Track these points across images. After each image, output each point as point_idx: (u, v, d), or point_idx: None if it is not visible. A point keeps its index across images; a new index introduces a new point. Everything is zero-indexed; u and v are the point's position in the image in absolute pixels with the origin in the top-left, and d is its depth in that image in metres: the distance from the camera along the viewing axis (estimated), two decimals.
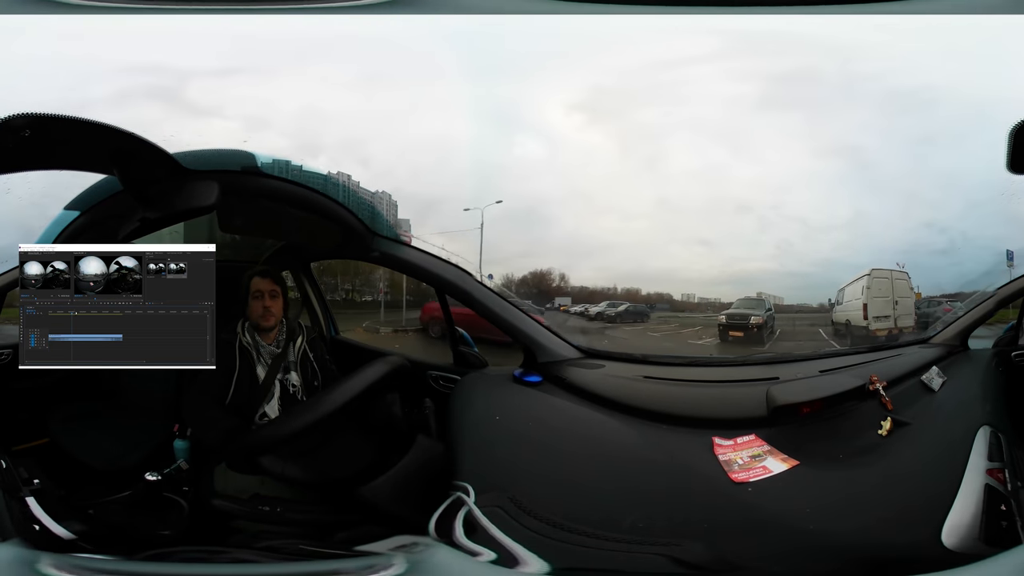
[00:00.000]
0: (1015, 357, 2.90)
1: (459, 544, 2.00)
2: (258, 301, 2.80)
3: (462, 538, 2.01)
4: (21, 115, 2.00)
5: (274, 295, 2.82)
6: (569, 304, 3.72)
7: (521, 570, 1.94)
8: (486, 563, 1.96)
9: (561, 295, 3.71)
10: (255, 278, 2.83)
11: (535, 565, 1.95)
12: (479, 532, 2.02)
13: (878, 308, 3.36)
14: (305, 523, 2.52)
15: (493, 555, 1.97)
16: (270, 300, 2.81)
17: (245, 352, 2.77)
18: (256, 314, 2.80)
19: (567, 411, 2.50)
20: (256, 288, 2.81)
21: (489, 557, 1.97)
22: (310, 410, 2.47)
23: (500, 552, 1.98)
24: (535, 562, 1.95)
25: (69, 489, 2.58)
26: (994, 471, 2.15)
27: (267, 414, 2.74)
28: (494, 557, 1.97)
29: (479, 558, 1.98)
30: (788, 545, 1.99)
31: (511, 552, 1.97)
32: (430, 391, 2.89)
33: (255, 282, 2.82)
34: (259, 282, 2.82)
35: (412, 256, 2.85)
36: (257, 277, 2.84)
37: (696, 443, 2.34)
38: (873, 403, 2.47)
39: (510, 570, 1.94)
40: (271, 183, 2.59)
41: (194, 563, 2.11)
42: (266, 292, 2.81)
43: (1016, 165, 2.11)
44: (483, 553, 1.98)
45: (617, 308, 3.76)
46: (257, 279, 2.83)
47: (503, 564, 1.95)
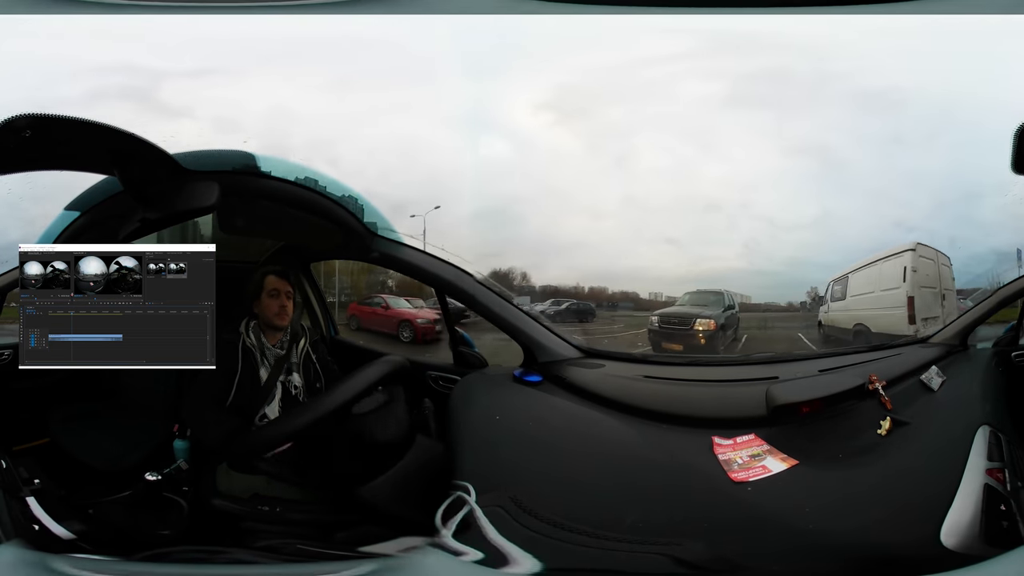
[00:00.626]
0: (1015, 357, 2.90)
1: (460, 545, 2.01)
2: (275, 300, 2.80)
3: (463, 538, 2.02)
4: (22, 116, 2.01)
5: (289, 295, 2.82)
6: (528, 303, 3.66)
7: (521, 570, 1.94)
8: (486, 563, 1.96)
9: (522, 295, 3.66)
10: (270, 276, 2.83)
11: (536, 565, 1.95)
12: (480, 532, 2.02)
13: (926, 305, 2.76)
14: (305, 523, 2.51)
15: (494, 555, 1.97)
16: (287, 299, 2.81)
17: (248, 353, 2.76)
18: (272, 312, 2.79)
19: (567, 411, 2.50)
20: (273, 287, 2.81)
21: (490, 557, 1.97)
22: (310, 410, 2.48)
23: (501, 552, 1.98)
24: (536, 562, 1.95)
25: (69, 489, 2.58)
26: (994, 471, 2.15)
27: (267, 415, 2.74)
28: (495, 557, 1.97)
29: (480, 558, 1.98)
30: (788, 544, 1.99)
31: (512, 552, 1.97)
32: (430, 391, 2.89)
33: (271, 280, 2.82)
34: (276, 281, 2.82)
35: (412, 256, 2.85)
36: (273, 276, 2.83)
37: (696, 442, 2.34)
38: (873, 403, 2.47)
39: (510, 570, 1.94)
40: (271, 183, 2.59)
41: (194, 563, 2.11)
42: (283, 291, 2.81)
43: (1021, 166, 2.11)
44: (484, 553, 1.98)
45: (559, 306, 3.64)
46: (273, 278, 2.82)
47: (503, 564, 1.95)
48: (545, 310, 3.58)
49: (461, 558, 1.97)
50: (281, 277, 2.83)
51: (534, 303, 3.50)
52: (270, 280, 2.82)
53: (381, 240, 2.81)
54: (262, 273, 2.84)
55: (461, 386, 2.69)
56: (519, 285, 3.50)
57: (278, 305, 2.80)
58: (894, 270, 2.86)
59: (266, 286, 2.81)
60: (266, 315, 2.80)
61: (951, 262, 2.90)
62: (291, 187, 2.62)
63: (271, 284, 2.81)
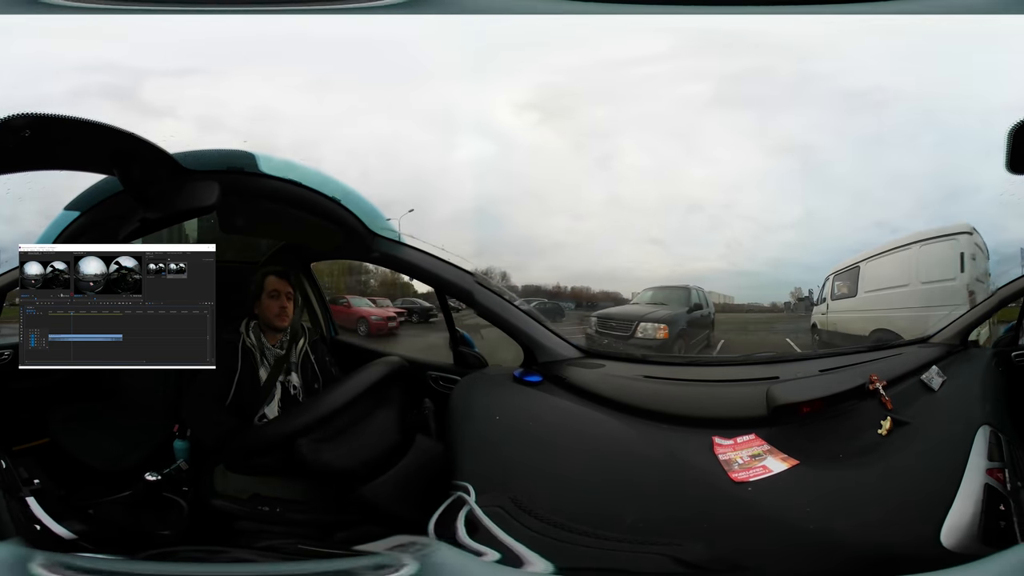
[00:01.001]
0: (1015, 357, 2.90)
1: (460, 544, 2.01)
2: (275, 300, 2.79)
3: (463, 538, 2.02)
4: (21, 115, 2.01)
5: (289, 296, 2.82)
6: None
7: (522, 570, 1.94)
8: (487, 563, 1.96)
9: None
10: (271, 277, 2.82)
11: (536, 565, 1.95)
12: (480, 532, 2.02)
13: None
14: (305, 523, 2.52)
15: (494, 555, 1.97)
16: (287, 301, 2.80)
17: (248, 353, 2.76)
18: (272, 313, 2.79)
19: (567, 411, 2.50)
20: (273, 287, 2.80)
21: (490, 557, 1.97)
22: (310, 410, 2.48)
23: (501, 552, 1.98)
24: (536, 562, 1.95)
25: (69, 489, 2.58)
26: (994, 471, 2.15)
27: (266, 415, 2.74)
28: (495, 557, 1.97)
29: (480, 558, 1.98)
30: (788, 544, 1.99)
31: (511, 552, 1.97)
32: (430, 391, 2.89)
33: (271, 281, 2.81)
34: (276, 282, 2.81)
35: (412, 256, 2.85)
36: (274, 276, 2.83)
37: (696, 442, 2.34)
38: (873, 402, 2.47)
39: (510, 570, 1.94)
40: (271, 183, 2.59)
41: (194, 563, 2.11)
42: (283, 292, 2.80)
43: (1015, 165, 2.12)
44: (484, 553, 1.98)
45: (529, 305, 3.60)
46: (274, 279, 2.82)
47: (503, 564, 1.95)
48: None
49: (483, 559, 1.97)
50: (282, 278, 2.83)
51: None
52: (270, 281, 2.82)
53: (381, 240, 2.81)
54: (263, 274, 2.84)
55: (461, 386, 2.69)
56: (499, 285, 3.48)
57: (278, 306, 2.79)
58: (944, 257, 2.33)
59: (266, 287, 2.81)
60: (266, 316, 2.80)
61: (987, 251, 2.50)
62: (291, 187, 2.62)
63: (271, 285, 2.81)
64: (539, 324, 2.84)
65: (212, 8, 2.49)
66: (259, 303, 2.81)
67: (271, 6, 2.53)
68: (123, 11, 2.46)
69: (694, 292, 3.00)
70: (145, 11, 2.45)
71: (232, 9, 2.49)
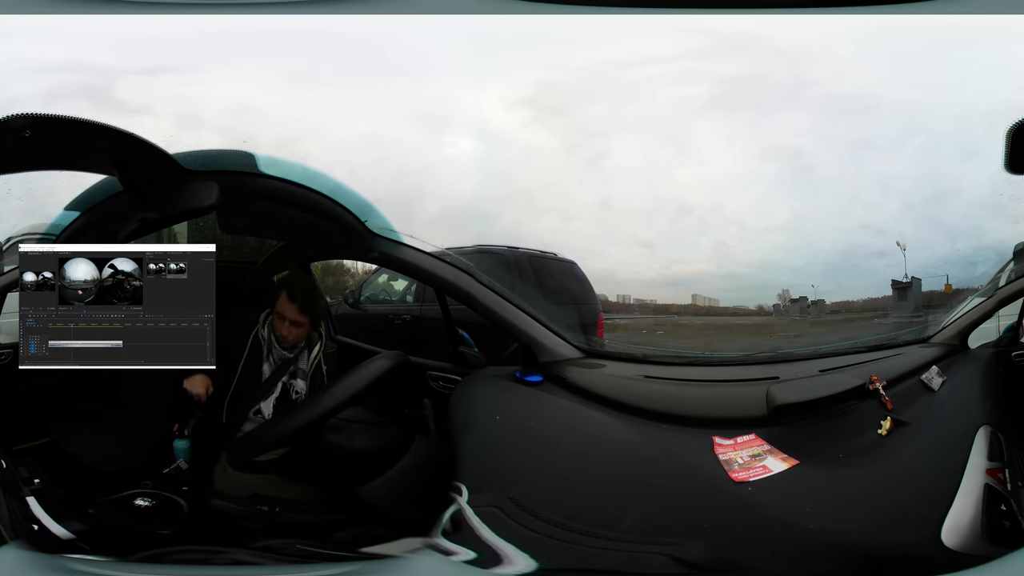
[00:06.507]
0: (1015, 357, 2.90)
1: (452, 544, 2.01)
2: (282, 321, 2.78)
3: (463, 539, 2.02)
4: (21, 115, 2.01)
5: (295, 323, 2.77)
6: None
7: (515, 569, 1.94)
8: (480, 562, 1.96)
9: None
10: (284, 294, 2.78)
11: (536, 565, 1.95)
12: (480, 532, 2.02)
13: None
14: (304, 523, 2.51)
15: (494, 556, 1.97)
16: (292, 327, 2.77)
17: (257, 343, 2.78)
18: (280, 326, 2.78)
19: (568, 411, 2.50)
20: (281, 308, 2.77)
21: (483, 557, 1.97)
22: (311, 408, 2.47)
23: (501, 552, 1.98)
24: (536, 562, 1.95)
25: (69, 489, 2.58)
26: (994, 471, 2.15)
27: (262, 411, 2.75)
28: (495, 558, 1.97)
29: (480, 559, 1.98)
30: (788, 544, 1.99)
31: (512, 552, 1.97)
32: (430, 391, 2.89)
33: (282, 300, 2.77)
34: (285, 303, 2.77)
35: (412, 256, 2.85)
36: (286, 297, 2.78)
37: (696, 442, 2.33)
38: (873, 403, 2.47)
39: (502, 569, 1.94)
40: (271, 183, 2.59)
41: (193, 563, 2.11)
42: (288, 318, 2.77)
43: (1014, 165, 2.12)
44: (484, 554, 1.98)
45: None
46: (284, 299, 2.77)
47: (497, 564, 1.95)
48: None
49: (452, 558, 1.96)
50: (291, 302, 2.77)
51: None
52: (282, 299, 2.78)
53: (381, 240, 2.81)
54: (279, 281, 2.82)
55: (461, 386, 2.69)
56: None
57: (284, 326, 2.78)
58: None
59: (279, 301, 2.78)
60: (277, 323, 2.80)
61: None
62: (291, 187, 2.61)
63: (281, 304, 2.78)
64: (540, 324, 2.83)
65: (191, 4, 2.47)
66: (275, 308, 2.80)
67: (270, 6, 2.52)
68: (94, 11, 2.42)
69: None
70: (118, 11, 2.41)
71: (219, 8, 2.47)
